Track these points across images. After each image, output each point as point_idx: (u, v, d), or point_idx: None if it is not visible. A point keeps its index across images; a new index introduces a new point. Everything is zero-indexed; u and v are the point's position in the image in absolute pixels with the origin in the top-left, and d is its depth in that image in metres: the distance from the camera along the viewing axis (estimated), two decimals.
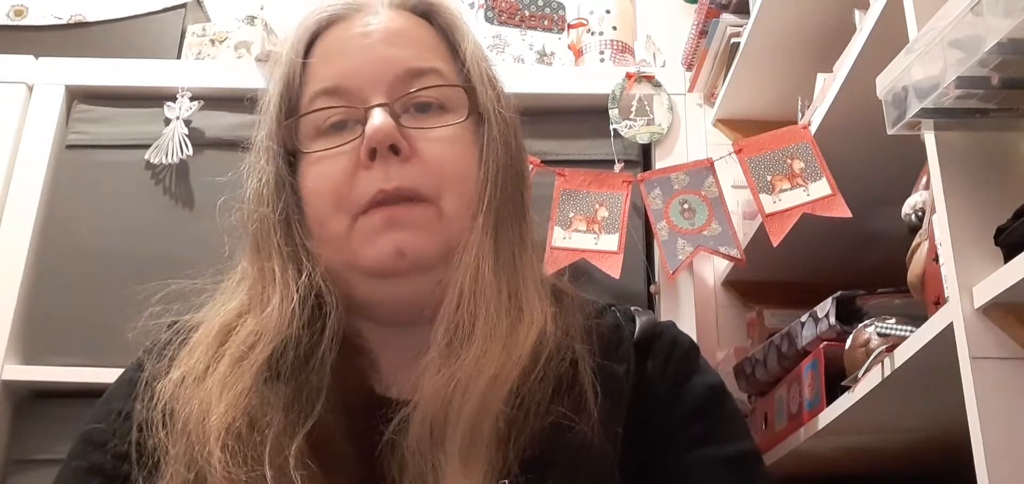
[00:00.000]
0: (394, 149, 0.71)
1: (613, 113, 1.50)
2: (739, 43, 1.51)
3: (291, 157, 0.75)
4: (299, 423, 0.65)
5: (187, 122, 1.50)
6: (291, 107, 0.76)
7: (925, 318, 0.87)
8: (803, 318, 1.19)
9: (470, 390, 0.64)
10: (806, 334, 1.18)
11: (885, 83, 0.87)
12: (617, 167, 1.45)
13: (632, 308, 0.79)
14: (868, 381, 0.96)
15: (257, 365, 0.67)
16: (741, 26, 1.54)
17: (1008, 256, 0.76)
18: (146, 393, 0.70)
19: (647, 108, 1.52)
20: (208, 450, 0.63)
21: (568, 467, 0.64)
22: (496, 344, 0.67)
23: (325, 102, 0.74)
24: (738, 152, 1.36)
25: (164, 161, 1.48)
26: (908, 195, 1.02)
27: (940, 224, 0.84)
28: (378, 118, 0.71)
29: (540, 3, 1.82)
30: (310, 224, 0.73)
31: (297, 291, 0.70)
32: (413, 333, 0.72)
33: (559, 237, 1.36)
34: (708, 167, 1.39)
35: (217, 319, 0.73)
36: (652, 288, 1.41)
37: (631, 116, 1.51)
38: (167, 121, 1.51)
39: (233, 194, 0.78)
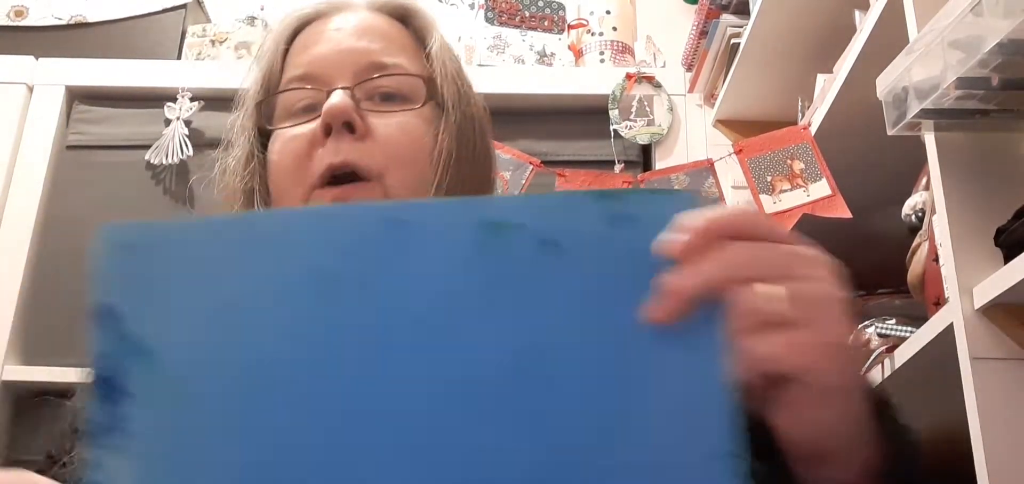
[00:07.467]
0: (350, 127, 0.75)
1: (613, 114, 1.50)
2: (739, 44, 1.51)
3: (264, 137, 0.80)
4: None
5: (187, 123, 1.50)
6: (269, 94, 0.82)
7: (925, 318, 0.87)
8: None
9: None
10: None
11: (885, 84, 0.87)
12: (617, 167, 1.45)
13: None
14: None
15: None
16: (741, 27, 1.54)
17: (1008, 256, 0.76)
18: None
19: (647, 109, 1.52)
20: None
21: None
22: None
23: (296, 86, 0.80)
24: (738, 152, 1.36)
25: (164, 161, 1.48)
26: (908, 195, 1.02)
27: (940, 224, 0.84)
28: (336, 97, 0.76)
29: (540, 4, 1.82)
30: (272, 195, 0.79)
31: None
32: None
33: None
34: (708, 167, 1.39)
35: None
36: None
37: (631, 117, 1.51)
38: (167, 122, 1.51)
39: (208, 172, 0.85)
